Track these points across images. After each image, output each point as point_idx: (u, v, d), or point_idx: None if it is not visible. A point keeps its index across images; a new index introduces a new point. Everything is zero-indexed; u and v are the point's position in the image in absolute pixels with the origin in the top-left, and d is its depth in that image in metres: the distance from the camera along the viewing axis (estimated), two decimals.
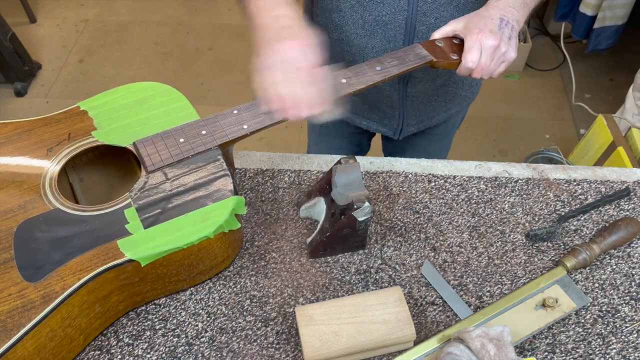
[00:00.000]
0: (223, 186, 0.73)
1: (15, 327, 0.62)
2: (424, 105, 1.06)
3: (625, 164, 1.57)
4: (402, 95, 1.03)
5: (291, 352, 0.74)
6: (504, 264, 0.83)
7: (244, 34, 2.76)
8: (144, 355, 0.74)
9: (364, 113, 1.10)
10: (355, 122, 1.13)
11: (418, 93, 1.03)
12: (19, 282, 0.65)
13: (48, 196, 0.72)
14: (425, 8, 0.89)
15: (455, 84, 1.07)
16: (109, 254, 0.67)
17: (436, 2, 0.89)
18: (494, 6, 0.83)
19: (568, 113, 2.38)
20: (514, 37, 0.82)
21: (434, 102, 1.07)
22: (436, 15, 0.91)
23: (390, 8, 0.89)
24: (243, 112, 0.79)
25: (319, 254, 0.82)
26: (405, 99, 1.03)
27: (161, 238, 0.68)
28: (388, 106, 1.05)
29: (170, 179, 0.73)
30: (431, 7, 0.89)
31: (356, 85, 0.81)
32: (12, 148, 0.77)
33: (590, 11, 2.24)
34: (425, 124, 1.11)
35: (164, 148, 0.76)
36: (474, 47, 0.81)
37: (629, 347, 0.74)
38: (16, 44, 2.44)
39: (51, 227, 0.69)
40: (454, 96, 1.10)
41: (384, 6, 0.89)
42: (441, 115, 1.12)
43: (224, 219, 0.70)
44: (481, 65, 0.82)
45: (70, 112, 0.81)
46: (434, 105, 1.08)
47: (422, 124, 1.10)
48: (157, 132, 0.78)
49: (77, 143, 0.78)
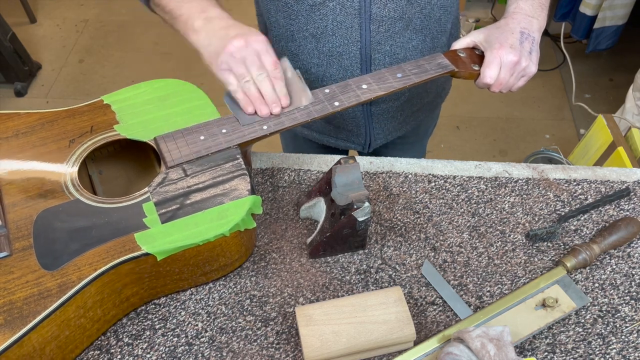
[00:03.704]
0: (241, 185, 0.73)
1: (31, 314, 0.63)
2: (389, 120, 1.05)
3: (625, 164, 1.57)
4: (366, 115, 1.02)
5: (291, 352, 0.74)
6: (504, 264, 0.83)
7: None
8: (144, 355, 0.74)
9: (330, 132, 1.09)
10: (322, 140, 1.12)
11: (382, 111, 1.03)
12: (36, 270, 0.66)
13: (68, 187, 0.73)
14: (379, 37, 0.89)
15: (420, 96, 1.06)
16: (125, 247, 0.68)
17: (390, 30, 0.89)
18: (513, 18, 0.82)
19: (568, 113, 2.38)
20: (535, 51, 0.82)
21: (400, 116, 1.06)
22: (391, 42, 0.90)
23: (342, 40, 0.89)
24: None
25: (319, 254, 0.82)
26: (370, 118, 1.03)
27: (178, 233, 0.69)
28: (354, 125, 1.05)
29: (189, 175, 0.74)
30: (385, 35, 0.89)
31: (377, 92, 0.81)
32: (35, 138, 0.78)
33: (590, 11, 2.24)
34: (394, 135, 1.10)
35: (185, 144, 0.77)
36: (493, 63, 0.81)
37: (629, 347, 0.74)
38: (16, 44, 2.44)
39: (70, 217, 0.70)
40: (421, 106, 1.09)
41: (336, 38, 0.89)
42: (410, 125, 1.11)
43: (240, 218, 0.70)
44: (500, 80, 0.81)
45: (93, 105, 0.82)
46: (400, 119, 1.07)
47: (390, 136, 1.09)
48: (178, 129, 0.79)
49: (99, 136, 0.79)
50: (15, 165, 0.75)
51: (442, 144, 2.26)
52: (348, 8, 0.85)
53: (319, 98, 0.80)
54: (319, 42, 0.90)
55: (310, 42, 0.91)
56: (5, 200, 0.72)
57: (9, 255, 0.67)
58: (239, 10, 2.94)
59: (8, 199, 0.72)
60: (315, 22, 0.88)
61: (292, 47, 0.94)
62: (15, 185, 0.73)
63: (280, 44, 0.96)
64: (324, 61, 0.93)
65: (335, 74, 0.94)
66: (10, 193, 0.72)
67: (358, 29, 0.87)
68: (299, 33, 0.91)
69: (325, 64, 0.93)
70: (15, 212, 0.70)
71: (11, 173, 0.74)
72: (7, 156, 0.76)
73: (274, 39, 0.97)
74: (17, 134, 0.79)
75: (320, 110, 0.79)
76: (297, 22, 0.90)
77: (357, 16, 0.86)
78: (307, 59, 0.94)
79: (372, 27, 0.87)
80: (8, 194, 0.72)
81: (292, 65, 0.81)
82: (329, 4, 0.85)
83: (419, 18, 0.89)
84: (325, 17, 0.87)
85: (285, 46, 0.95)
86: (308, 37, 0.90)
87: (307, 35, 0.90)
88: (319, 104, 0.80)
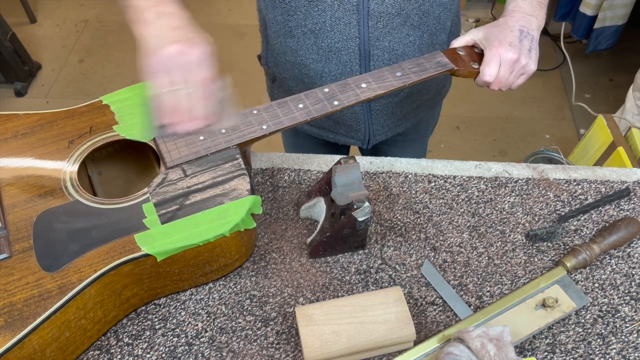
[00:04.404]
0: (240, 185, 0.73)
1: (31, 315, 0.63)
2: (389, 116, 1.06)
3: (625, 164, 1.57)
4: (366, 110, 1.02)
5: (291, 352, 0.74)
6: (504, 264, 0.83)
7: (244, 34, 2.76)
8: (144, 355, 0.74)
9: (330, 127, 1.10)
10: (323, 136, 1.12)
11: (382, 107, 1.03)
12: (36, 272, 0.66)
13: (68, 188, 0.73)
14: (377, 33, 0.89)
15: (420, 93, 1.06)
16: (125, 248, 0.68)
17: (388, 26, 0.89)
18: (512, 16, 0.82)
19: (568, 113, 2.38)
20: (534, 49, 0.82)
21: (399, 112, 1.06)
22: (390, 38, 0.90)
23: (341, 36, 0.89)
24: (262, 112, 0.80)
25: (319, 254, 0.82)
26: (369, 113, 1.03)
27: (178, 234, 0.69)
28: (353, 121, 1.05)
29: (189, 175, 0.74)
30: (383, 31, 0.89)
31: (376, 91, 0.81)
32: (34, 139, 0.78)
33: (590, 11, 2.24)
34: (394, 131, 1.10)
35: (184, 145, 0.77)
36: (492, 61, 0.81)
37: (629, 347, 0.74)
38: (16, 44, 2.44)
39: (70, 218, 0.70)
40: (421, 102, 1.09)
41: (335, 34, 0.89)
42: (410, 122, 1.11)
43: (240, 218, 0.70)
44: (499, 78, 0.81)
45: (92, 106, 0.82)
46: (400, 115, 1.07)
47: (389, 132, 1.09)
48: None
49: (98, 136, 0.79)
50: (15, 166, 0.75)
51: (442, 144, 2.26)
52: (346, 4, 0.86)
53: (319, 97, 0.80)
54: (318, 38, 0.91)
55: (309, 38, 0.92)
56: (5, 202, 0.72)
57: (9, 257, 0.67)
58: (238, 4, 2.94)
59: (8, 200, 0.72)
60: (313, 17, 0.88)
61: (290, 43, 0.94)
62: (15, 187, 0.73)
63: (279, 40, 0.96)
64: (322, 57, 0.93)
65: (334, 70, 0.94)
66: (9, 194, 0.72)
67: (356, 25, 0.88)
68: (298, 29, 0.91)
69: (324, 59, 0.93)
70: (15, 213, 0.70)
71: (10, 174, 0.74)
72: (7, 157, 0.76)
73: (273, 35, 0.97)
74: (16, 135, 0.79)
75: (319, 110, 0.79)
76: (296, 18, 0.90)
77: (355, 12, 0.86)
78: (306, 55, 0.94)
79: (370, 23, 0.88)
80: (8, 195, 0.72)
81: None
82: (326, 0, 0.86)
83: (417, 14, 0.90)
84: (324, 13, 0.87)
85: (284, 42, 0.95)
86: (307, 32, 0.91)
87: (306, 31, 0.91)
88: (318, 103, 0.80)
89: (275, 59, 1.01)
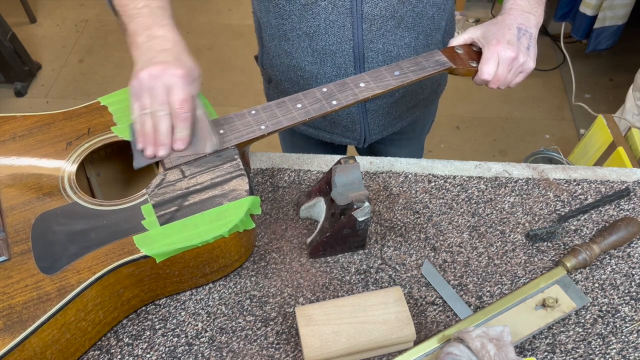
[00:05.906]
0: (239, 186, 0.73)
1: (30, 318, 0.63)
2: (384, 116, 1.06)
3: (625, 164, 1.57)
4: (362, 110, 1.02)
5: (291, 352, 0.74)
6: (504, 264, 0.82)
7: (244, 34, 2.76)
8: (144, 355, 0.73)
9: (326, 128, 1.10)
10: (319, 136, 1.12)
11: (377, 107, 1.03)
12: (35, 274, 0.66)
13: (66, 190, 0.73)
14: (371, 36, 0.89)
15: (415, 92, 1.06)
16: (124, 249, 0.67)
17: (382, 29, 0.89)
18: (510, 14, 0.82)
19: (568, 113, 2.38)
20: (532, 47, 0.82)
21: (395, 112, 1.06)
22: (384, 40, 0.91)
23: (335, 38, 0.89)
24: (261, 112, 0.80)
25: (319, 254, 0.82)
26: (365, 113, 1.03)
27: (177, 235, 0.69)
28: (349, 121, 1.05)
29: (187, 176, 0.74)
30: (377, 34, 0.89)
31: (375, 90, 0.81)
32: (32, 141, 0.78)
33: (590, 11, 2.24)
34: (390, 130, 1.10)
35: None
36: (490, 59, 0.80)
37: (629, 347, 0.74)
38: (16, 44, 2.44)
39: (69, 220, 0.70)
40: (416, 102, 1.09)
41: (329, 37, 0.89)
42: (405, 121, 1.11)
43: (239, 219, 0.70)
44: (498, 76, 0.81)
45: (90, 107, 0.82)
46: (395, 114, 1.07)
47: (385, 132, 1.09)
48: None
49: (96, 138, 0.79)
50: (13, 168, 0.75)
51: (442, 144, 2.26)
52: (339, 7, 0.86)
53: (317, 97, 0.80)
54: (312, 41, 0.91)
55: (303, 41, 0.92)
56: (3, 204, 0.71)
57: (7, 259, 0.66)
58: (238, 4, 2.94)
59: (6, 202, 0.71)
60: (307, 21, 0.88)
61: (285, 45, 0.94)
62: (13, 189, 0.73)
63: (274, 42, 0.96)
64: (317, 59, 0.93)
65: (329, 72, 0.94)
66: (8, 196, 0.72)
67: (350, 28, 0.88)
68: (292, 32, 0.91)
69: (319, 62, 0.94)
70: (13, 215, 0.70)
71: (8, 176, 0.74)
72: (4, 159, 0.76)
73: (267, 38, 0.98)
74: (14, 137, 0.78)
75: (318, 110, 0.79)
76: (290, 21, 0.90)
77: (348, 15, 0.86)
78: (301, 57, 0.94)
79: (364, 26, 0.88)
80: (6, 197, 0.72)
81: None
82: (320, 3, 0.86)
83: (410, 16, 0.90)
84: (318, 16, 0.87)
85: (278, 45, 0.96)
86: (301, 35, 0.91)
87: (301, 34, 0.91)
88: (316, 102, 0.80)
89: (271, 61, 1.02)
